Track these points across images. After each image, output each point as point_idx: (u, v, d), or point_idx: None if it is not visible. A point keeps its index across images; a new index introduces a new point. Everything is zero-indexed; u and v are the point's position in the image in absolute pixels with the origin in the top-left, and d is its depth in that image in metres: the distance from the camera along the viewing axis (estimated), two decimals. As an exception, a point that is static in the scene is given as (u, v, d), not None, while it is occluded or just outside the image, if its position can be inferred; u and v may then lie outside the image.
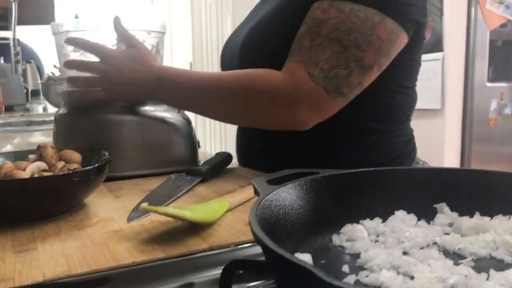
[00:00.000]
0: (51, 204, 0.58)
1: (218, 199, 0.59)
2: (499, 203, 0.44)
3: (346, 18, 0.70)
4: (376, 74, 0.74)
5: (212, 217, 0.54)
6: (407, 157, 0.89)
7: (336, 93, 0.72)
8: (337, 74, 0.71)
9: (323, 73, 0.71)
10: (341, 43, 0.70)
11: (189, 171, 0.77)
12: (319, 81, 0.71)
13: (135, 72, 0.79)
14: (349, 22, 0.70)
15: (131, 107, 0.82)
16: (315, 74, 0.71)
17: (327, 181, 0.46)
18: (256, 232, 0.30)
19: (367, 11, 0.70)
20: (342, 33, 0.70)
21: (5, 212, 0.56)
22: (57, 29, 0.84)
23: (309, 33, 0.73)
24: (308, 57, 0.72)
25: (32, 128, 1.29)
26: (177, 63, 4.91)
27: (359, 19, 0.70)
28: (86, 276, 0.42)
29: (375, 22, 0.70)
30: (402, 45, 0.75)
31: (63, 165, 0.62)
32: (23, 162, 0.63)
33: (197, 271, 0.45)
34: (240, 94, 0.76)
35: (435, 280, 0.32)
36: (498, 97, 2.60)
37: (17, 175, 0.56)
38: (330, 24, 0.71)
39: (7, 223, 0.56)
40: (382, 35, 0.71)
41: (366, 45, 0.70)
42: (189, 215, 0.50)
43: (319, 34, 0.71)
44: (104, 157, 0.65)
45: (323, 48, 0.71)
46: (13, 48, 1.81)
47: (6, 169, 0.58)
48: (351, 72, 0.71)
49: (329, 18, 0.71)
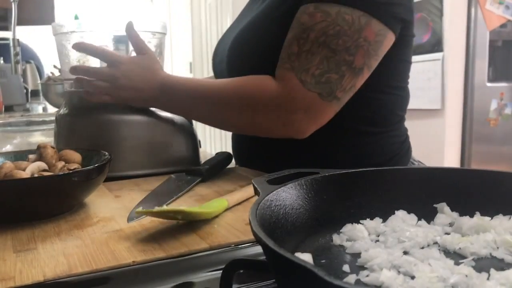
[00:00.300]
0: (51, 204, 0.58)
1: (217, 199, 0.59)
2: (499, 203, 0.44)
3: (333, 22, 0.69)
4: (366, 76, 0.74)
5: (208, 211, 0.54)
6: (403, 157, 0.89)
7: (330, 98, 0.72)
8: (330, 79, 0.71)
9: (315, 79, 0.71)
10: (329, 48, 0.70)
11: (189, 171, 0.77)
12: (312, 87, 0.71)
13: (143, 78, 0.79)
14: (336, 25, 0.69)
15: (132, 107, 0.82)
16: (307, 80, 0.71)
17: (327, 181, 0.46)
18: (256, 231, 0.30)
19: (354, 13, 0.69)
20: (330, 37, 0.70)
21: (5, 212, 0.56)
22: (58, 29, 0.84)
23: (297, 39, 0.72)
24: (298, 64, 0.71)
25: (32, 128, 1.30)
26: (177, 63, 4.91)
27: (346, 22, 0.69)
28: (87, 275, 0.42)
29: (362, 24, 0.70)
30: (389, 45, 0.75)
31: (63, 165, 0.62)
32: (23, 162, 0.63)
33: (197, 271, 0.45)
34: (235, 104, 0.76)
35: (435, 280, 0.32)
36: (498, 97, 2.61)
37: (17, 175, 0.56)
38: (318, 28, 0.70)
39: (8, 223, 0.56)
40: (369, 37, 0.71)
41: (354, 48, 0.70)
42: (184, 208, 0.51)
43: (307, 39, 0.71)
44: (104, 157, 0.65)
45: (312, 53, 0.71)
46: (13, 48, 1.81)
47: (6, 169, 0.58)
48: (343, 76, 0.71)
49: (316, 23, 0.70)
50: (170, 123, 0.84)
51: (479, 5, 2.47)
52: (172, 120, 0.85)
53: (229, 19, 3.65)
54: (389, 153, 0.86)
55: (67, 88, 0.87)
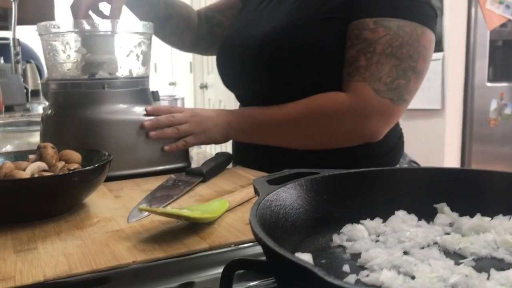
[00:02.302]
0: (52, 204, 0.58)
1: (218, 199, 0.59)
2: (499, 203, 0.44)
3: (396, 34, 0.78)
4: (424, 77, 0.83)
5: (211, 215, 0.54)
6: (399, 151, 0.95)
7: (400, 101, 0.80)
8: (399, 84, 0.79)
9: (387, 86, 0.78)
10: (396, 57, 0.78)
11: (189, 171, 0.77)
12: (385, 94, 0.78)
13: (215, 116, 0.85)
14: (399, 37, 0.78)
15: (117, 107, 0.82)
16: (379, 88, 0.78)
17: (327, 181, 0.46)
18: (256, 231, 0.30)
19: (411, 25, 0.78)
20: (395, 48, 0.78)
21: (6, 212, 0.56)
22: (46, 30, 0.83)
23: (363, 53, 0.79)
24: (369, 75, 0.78)
25: (32, 128, 1.29)
26: (177, 63, 4.91)
27: (406, 33, 0.78)
28: (87, 275, 0.42)
29: (419, 34, 0.79)
30: None
31: (63, 165, 0.62)
32: (23, 162, 0.63)
33: (197, 271, 0.45)
34: (310, 122, 0.82)
35: (435, 280, 0.32)
36: (498, 97, 2.60)
37: (17, 175, 0.56)
38: (383, 41, 0.78)
39: (8, 223, 0.56)
40: (425, 44, 0.80)
41: (416, 55, 0.79)
42: (188, 213, 0.51)
43: (374, 52, 0.78)
44: (104, 157, 0.65)
45: (381, 64, 0.78)
46: (13, 48, 1.80)
47: (6, 169, 0.58)
48: (409, 80, 0.80)
49: (380, 37, 0.78)
50: None
51: (479, 4, 2.47)
52: None
53: (229, 19, 3.64)
54: (389, 146, 0.91)
55: (52, 88, 0.87)
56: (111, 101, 0.82)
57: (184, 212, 0.51)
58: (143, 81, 0.87)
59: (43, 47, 0.86)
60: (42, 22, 0.84)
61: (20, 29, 1.88)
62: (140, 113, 0.82)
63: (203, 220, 0.53)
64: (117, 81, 0.83)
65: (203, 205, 0.57)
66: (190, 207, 0.54)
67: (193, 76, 4.42)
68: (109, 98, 0.82)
